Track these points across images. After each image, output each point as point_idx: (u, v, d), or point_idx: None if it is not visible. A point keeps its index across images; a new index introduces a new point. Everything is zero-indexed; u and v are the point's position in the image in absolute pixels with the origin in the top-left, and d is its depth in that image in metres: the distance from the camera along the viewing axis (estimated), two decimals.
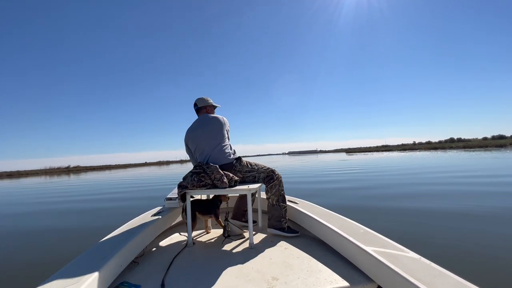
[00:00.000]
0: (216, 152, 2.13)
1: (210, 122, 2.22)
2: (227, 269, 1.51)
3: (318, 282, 1.32)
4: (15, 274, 2.47)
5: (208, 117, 2.26)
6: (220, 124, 2.22)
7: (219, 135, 2.17)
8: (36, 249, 3.20)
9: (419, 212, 3.77)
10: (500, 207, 3.85)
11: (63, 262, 1.36)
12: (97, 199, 7.70)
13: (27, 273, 2.47)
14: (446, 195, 5.02)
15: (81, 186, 13.00)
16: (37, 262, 2.73)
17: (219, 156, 2.12)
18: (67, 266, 1.28)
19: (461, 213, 3.62)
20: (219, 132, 2.18)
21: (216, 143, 2.15)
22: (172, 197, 2.32)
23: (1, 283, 2.27)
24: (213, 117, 2.25)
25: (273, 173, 2.12)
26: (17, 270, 2.57)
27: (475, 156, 18.32)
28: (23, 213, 6.05)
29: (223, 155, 2.12)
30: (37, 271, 2.48)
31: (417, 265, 1.18)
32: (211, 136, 2.16)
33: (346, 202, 4.88)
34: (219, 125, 2.21)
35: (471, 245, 2.50)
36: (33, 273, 2.43)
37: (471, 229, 2.94)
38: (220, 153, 2.13)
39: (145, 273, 1.52)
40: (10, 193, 12.19)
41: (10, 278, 2.39)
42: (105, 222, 4.37)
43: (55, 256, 2.85)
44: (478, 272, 1.97)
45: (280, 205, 2.08)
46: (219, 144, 2.15)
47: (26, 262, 2.75)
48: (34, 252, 3.08)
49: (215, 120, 2.23)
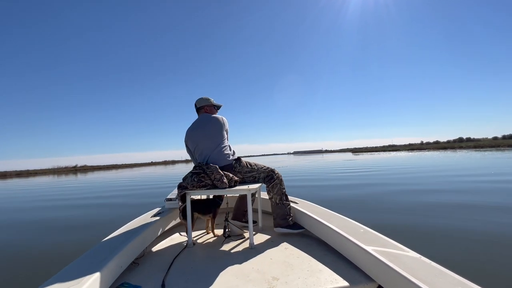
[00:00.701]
0: (215, 153, 2.11)
1: (209, 122, 2.19)
2: (227, 270, 1.50)
3: (318, 282, 1.32)
4: (15, 275, 2.46)
5: (207, 117, 2.23)
6: (220, 124, 2.18)
7: (219, 136, 2.14)
8: (36, 250, 3.17)
9: (418, 212, 3.74)
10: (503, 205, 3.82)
11: (63, 263, 1.35)
12: (98, 199, 7.65)
13: (27, 274, 2.46)
14: (453, 192, 4.90)
15: (82, 187, 13.02)
16: (38, 263, 2.72)
17: (218, 157, 2.09)
18: (67, 267, 1.27)
19: (461, 213, 3.59)
20: (218, 132, 2.15)
21: (215, 144, 2.12)
22: (172, 198, 2.31)
23: (2, 284, 2.27)
24: (212, 117, 2.21)
25: (273, 172, 2.12)
26: (18, 271, 2.56)
27: (488, 156, 17.74)
28: (23, 212, 6.01)
29: (222, 156, 2.10)
30: (38, 272, 2.46)
31: (418, 265, 1.17)
32: (210, 137, 2.13)
33: (346, 202, 4.84)
34: (218, 126, 2.17)
35: (472, 244, 2.48)
36: (33, 274, 2.42)
37: (471, 229, 2.91)
38: (219, 154, 2.10)
39: (146, 274, 1.51)
40: (10, 193, 12.26)
41: (11, 279, 2.37)
42: (105, 223, 4.34)
43: (55, 258, 2.84)
44: (479, 271, 1.96)
45: (284, 203, 2.08)
46: (218, 145, 2.12)
47: (26, 263, 2.74)
48: (34, 253, 3.07)
49: (214, 120, 2.19)
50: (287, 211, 2.07)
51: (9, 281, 2.32)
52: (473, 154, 20.87)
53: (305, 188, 6.99)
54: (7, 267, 2.67)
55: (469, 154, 21.34)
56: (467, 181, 6.62)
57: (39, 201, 7.98)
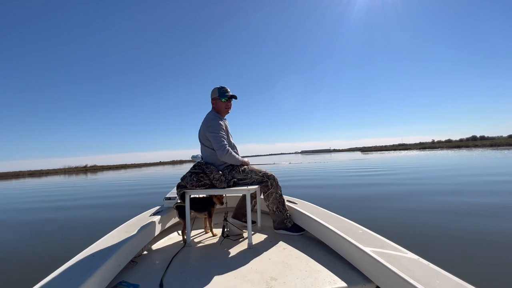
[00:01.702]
0: (206, 157, 2.09)
1: (202, 122, 2.12)
2: (225, 269, 1.51)
3: (316, 283, 1.32)
4: (13, 273, 2.46)
5: (207, 118, 2.11)
6: (202, 127, 2.08)
7: (204, 139, 2.07)
8: (34, 248, 3.16)
9: (418, 213, 3.71)
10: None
11: (61, 261, 1.33)
12: (99, 199, 7.58)
13: (25, 272, 2.45)
14: (459, 193, 4.72)
15: (87, 186, 13.11)
16: (36, 261, 2.72)
17: (210, 161, 2.05)
18: (65, 265, 1.27)
19: (462, 213, 3.55)
20: (204, 136, 2.07)
21: (204, 147, 2.09)
22: (171, 197, 2.30)
23: (1, 283, 2.26)
24: (206, 121, 2.09)
25: (268, 178, 2.03)
26: (15, 269, 2.55)
27: (510, 155, 16.75)
28: (22, 212, 5.99)
29: (212, 161, 2.05)
30: (36, 270, 2.45)
31: (416, 266, 1.18)
32: (203, 140, 2.09)
33: (346, 202, 4.78)
34: (202, 129, 2.09)
35: (470, 246, 2.47)
36: (31, 272, 2.41)
37: (470, 230, 2.88)
38: (210, 158, 2.06)
39: (144, 273, 1.52)
40: (11, 192, 12.39)
41: (8, 277, 2.37)
42: (105, 222, 4.29)
43: (53, 255, 2.83)
44: (476, 273, 1.96)
45: (281, 211, 2.08)
46: (208, 148, 2.06)
47: (24, 261, 2.73)
48: (33, 251, 3.06)
49: (203, 121, 2.11)
50: (285, 216, 2.09)
51: (7, 280, 2.31)
52: (492, 153, 19.90)
53: (309, 189, 6.78)
54: (5, 266, 2.66)
55: (487, 153, 20.38)
56: (489, 182, 6.21)
57: (40, 202, 7.94)
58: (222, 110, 2.13)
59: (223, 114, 2.15)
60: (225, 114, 2.16)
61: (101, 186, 12.50)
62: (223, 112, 2.14)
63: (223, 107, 2.11)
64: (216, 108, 2.13)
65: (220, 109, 2.12)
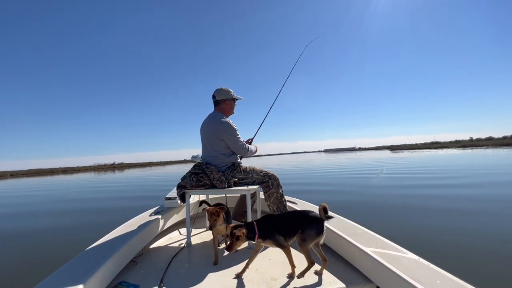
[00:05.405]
0: (210, 157, 2.07)
1: (209, 124, 2.09)
2: (226, 269, 1.52)
3: (316, 283, 1.32)
4: (14, 273, 2.47)
5: (214, 118, 2.08)
6: (212, 130, 2.05)
7: (212, 141, 2.05)
8: (35, 248, 3.17)
9: (417, 213, 3.69)
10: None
11: (61, 261, 1.34)
12: (102, 200, 7.35)
13: (26, 272, 2.46)
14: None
15: (113, 181, 13.51)
16: (36, 261, 2.71)
17: (212, 162, 2.05)
18: (66, 265, 1.28)
19: (461, 214, 3.53)
20: (212, 138, 2.04)
21: (210, 149, 2.06)
22: (171, 197, 2.32)
23: (1, 283, 2.26)
24: (212, 120, 2.08)
25: (269, 179, 2.04)
26: (16, 269, 2.56)
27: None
28: (22, 212, 5.94)
29: (215, 162, 2.04)
30: (36, 270, 2.45)
31: (416, 266, 1.18)
32: (207, 140, 2.07)
33: (346, 202, 4.77)
34: (215, 132, 2.04)
35: (470, 246, 2.44)
36: (32, 272, 2.41)
37: (470, 230, 2.85)
38: (213, 159, 2.05)
39: (144, 273, 1.52)
40: (11, 191, 12.76)
41: (9, 277, 2.38)
42: (105, 221, 4.28)
43: (53, 255, 2.81)
44: (477, 273, 1.95)
45: (281, 211, 2.08)
46: (214, 150, 2.05)
47: (25, 261, 2.73)
48: (33, 251, 3.06)
49: (213, 126, 2.05)
50: None
51: (8, 280, 2.31)
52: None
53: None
54: (6, 266, 2.66)
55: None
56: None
57: (39, 201, 7.84)
58: (231, 111, 2.19)
59: (230, 115, 2.19)
60: (230, 114, 2.20)
61: (117, 184, 12.46)
62: (231, 113, 2.19)
63: (233, 108, 2.19)
64: (226, 108, 2.14)
65: (231, 110, 2.17)
